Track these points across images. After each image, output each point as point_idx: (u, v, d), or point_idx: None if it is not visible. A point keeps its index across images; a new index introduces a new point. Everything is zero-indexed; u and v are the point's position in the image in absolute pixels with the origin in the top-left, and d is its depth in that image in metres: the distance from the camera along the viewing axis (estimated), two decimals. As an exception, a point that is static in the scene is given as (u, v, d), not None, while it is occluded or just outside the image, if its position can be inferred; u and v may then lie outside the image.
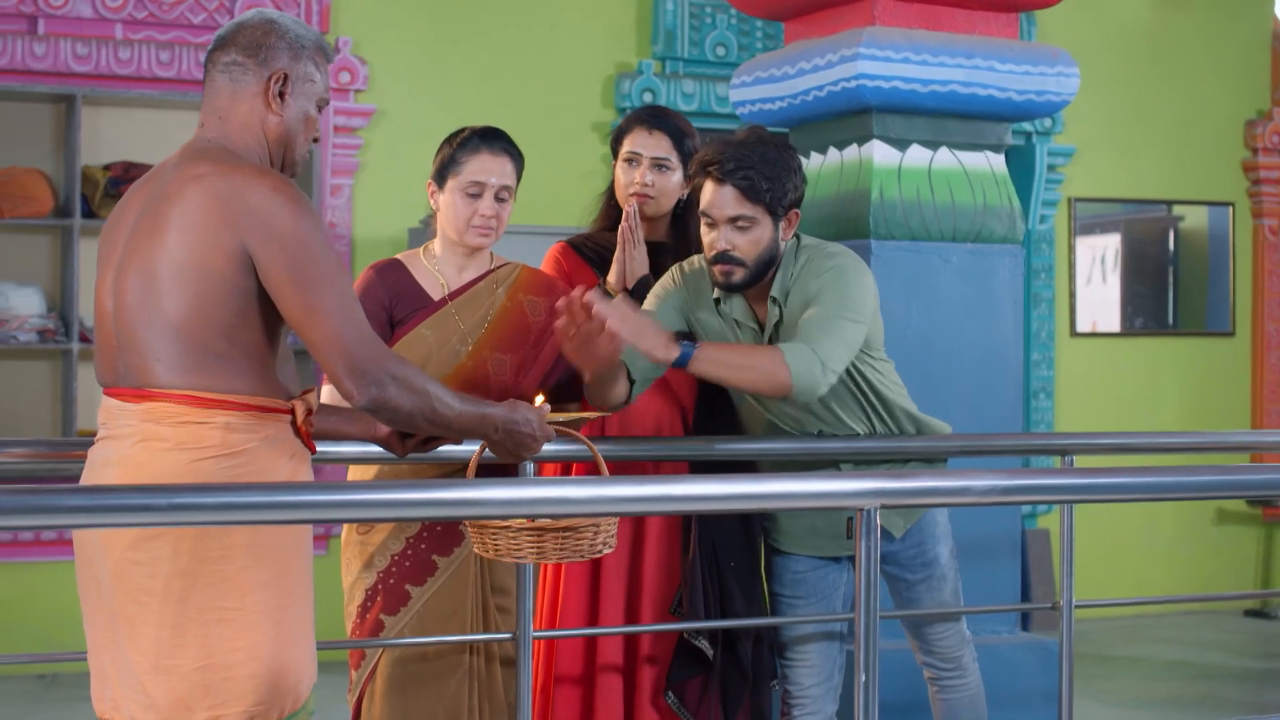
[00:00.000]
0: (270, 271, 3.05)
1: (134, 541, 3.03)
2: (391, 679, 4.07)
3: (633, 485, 3.01)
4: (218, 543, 3.03)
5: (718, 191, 4.09)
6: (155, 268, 3.06)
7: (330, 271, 3.07)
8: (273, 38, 3.23)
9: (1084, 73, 9.59)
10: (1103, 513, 9.48)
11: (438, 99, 8.34)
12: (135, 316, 3.08)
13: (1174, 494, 3.41)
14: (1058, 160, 9.51)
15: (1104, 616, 9.50)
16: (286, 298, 3.06)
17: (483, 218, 4.14)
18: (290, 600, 3.12)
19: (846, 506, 2.86)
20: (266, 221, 3.05)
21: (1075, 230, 9.69)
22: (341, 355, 3.06)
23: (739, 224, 4.08)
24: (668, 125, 4.56)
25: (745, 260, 4.10)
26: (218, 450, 3.05)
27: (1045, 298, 9.53)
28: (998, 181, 5.51)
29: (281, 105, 3.23)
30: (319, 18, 8.07)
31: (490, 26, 8.50)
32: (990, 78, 5.37)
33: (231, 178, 3.07)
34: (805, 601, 4.40)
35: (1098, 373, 9.71)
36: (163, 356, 3.06)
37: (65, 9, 7.69)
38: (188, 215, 3.05)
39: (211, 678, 3.03)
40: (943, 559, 4.42)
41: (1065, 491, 3.13)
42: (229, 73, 3.23)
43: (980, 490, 3.00)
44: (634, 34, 8.79)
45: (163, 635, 3.03)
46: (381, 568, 4.09)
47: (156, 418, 3.06)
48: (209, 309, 3.05)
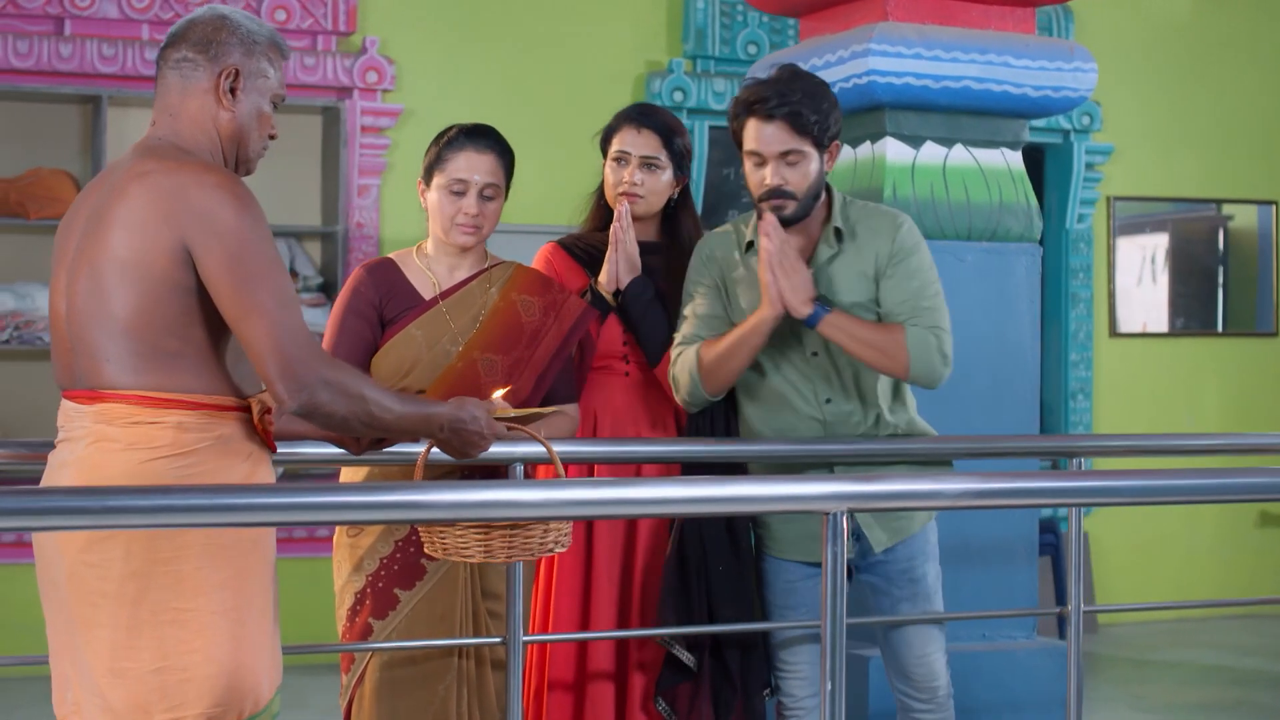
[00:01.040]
0: (208, 268, 3.01)
1: (87, 544, 2.99)
2: (380, 683, 4.02)
3: (587, 488, 2.95)
4: (170, 543, 2.99)
5: (766, 128, 4.12)
6: (101, 268, 3.03)
7: (269, 270, 3.02)
8: (224, 33, 3.19)
9: (1123, 70, 9.55)
10: (1142, 515, 9.37)
11: (466, 99, 8.30)
12: (85, 317, 3.06)
13: (1156, 497, 3.32)
14: (1096, 159, 9.40)
15: (1143, 620, 9.37)
16: (223, 295, 3.01)
17: (467, 216, 4.08)
18: (248, 601, 3.08)
19: (813, 510, 2.79)
20: (206, 217, 3.00)
21: (1115, 229, 9.57)
22: (274, 356, 3.00)
23: (789, 159, 4.12)
24: (656, 123, 4.49)
25: (796, 193, 4.14)
26: (169, 450, 3.02)
27: (1084, 298, 9.42)
28: (1014, 179, 5.42)
29: (233, 101, 3.19)
30: (345, 18, 8.05)
31: (519, 25, 8.46)
32: (1005, 73, 5.28)
33: (176, 174, 3.04)
34: (796, 613, 4.31)
35: (1138, 374, 9.59)
36: (113, 357, 3.03)
37: (91, 10, 7.70)
38: (131, 213, 3.03)
39: (168, 679, 3.00)
40: (929, 578, 4.33)
41: (1042, 495, 3.05)
42: (179, 69, 3.19)
43: (953, 494, 2.92)
44: (664, 32, 8.74)
45: (118, 638, 2.99)
46: (370, 571, 4.05)
47: (108, 419, 3.03)
48: (155, 308, 3.01)
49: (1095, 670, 8.24)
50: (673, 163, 4.48)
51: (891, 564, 4.29)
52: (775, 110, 4.10)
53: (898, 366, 4.11)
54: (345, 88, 8.09)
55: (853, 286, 4.20)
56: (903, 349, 4.08)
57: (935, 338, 4.11)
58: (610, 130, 4.55)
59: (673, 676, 4.34)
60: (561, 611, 4.40)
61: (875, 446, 4.24)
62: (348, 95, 8.10)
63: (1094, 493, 3.17)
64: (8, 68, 7.59)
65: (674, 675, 4.34)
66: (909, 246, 4.21)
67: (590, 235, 4.57)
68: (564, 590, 4.41)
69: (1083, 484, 3.03)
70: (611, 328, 4.44)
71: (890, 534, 4.24)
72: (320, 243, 8.20)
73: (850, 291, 4.20)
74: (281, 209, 8.07)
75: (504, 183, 4.14)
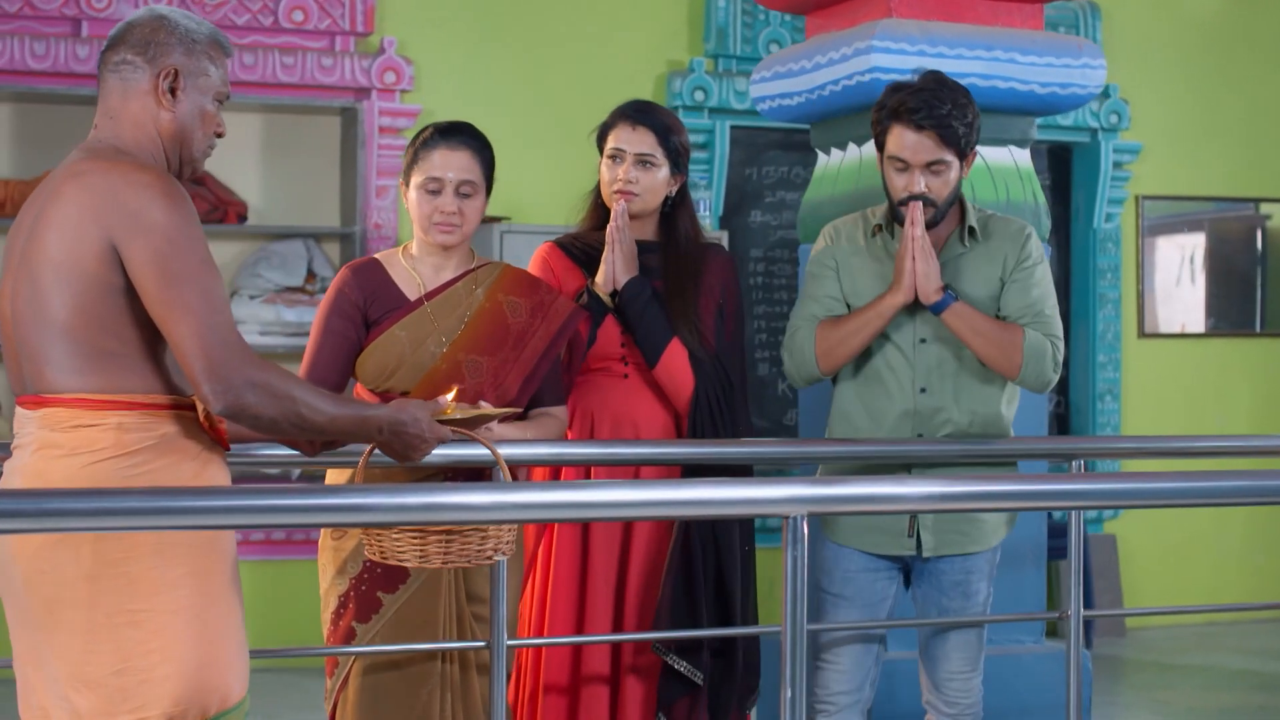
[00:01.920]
0: (134, 265, 2.98)
1: (38, 549, 2.98)
2: (363, 687, 3.99)
3: (534, 491, 2.90)
4: (118, 544, 2.96)
5: (912, 136, 4.19)
6: (38, 271, 3.02)
7: (197, 270, 2.98)
8: (162, 34, 3.18)
9: (1151, 68, 9.44)
10: (1171, 518, 9.26)
11: (485, 99, 8.26)
12: (27, 321, 3.05)
13: (1129, 500, 3.25)
14: (1124, 158, 9.29)
15: (1172, 624, 9.27)
16: (149, 294, 2.98)
17: (443, 214, 4.05)
18: (209, 598, 3.05)
19: (773, 514, 2.74)
20: (134, 215, 2.98)
21: (1144, 229, 9.46)
22: (199, 358, 2.95)
23: (934, 168, 4.21)
24: (652, 121, 4.43)
25: (937, 201, 4.22)
26: (111, 452, 2.99)
27: (1111, 298, 9.31)
28: (1022, 177, 5.36)
29: (173, 101, 3.18)
30: (364, 18, 8.03)
31: (538, 25, 8.41)
32: (1011, 70, 5.22)
33: (108, 174, 3.02)
34: (850, 604, 4.30)
35: (1168, 375, 9.47)
36: (54, 360, 3.01)
37: (108, 11, 7.69)
38: (63, 215, 3.01)
39: (128, 681, 2.98)
40: (981, 597, 4.33)
41: (1007, 498, 2.98)
42: (119, 72, 3.18)
43: (916, 498, 2.86)
44: (686, 31, 8.68)
45: (76, 642, 2.97)
46: (354, 574, 4.01)
47: (51, 424, 3.01)
48: (91, 308, 2.99)
49: (1121, 674, 8.15)
50: (669, 160, 4.42)
51: (947, 575, 4.29)
52: (924, 121, 4.17)
53: (1011, 366, 4.21)
54: (363, 88, 8.06)
55: (976, 283, 4.28)
56: (1019, 350, 4.19)
57: (1051, 345, 4.22)
58: (605, 127, 4.50)
59: (676, 689, 4.28)
60: (557, 616, 4.35)
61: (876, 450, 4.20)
62: (366, 96, 8.06)
63: (1063, 495, 3.10)
64: (24, 69, 7.58)
65: (678, 687, 4.28)
66: (1036, 256, 4.31)
67: (587, 234, 4.52)
68: (559, 596, 4.36)
69: (1050, 487, 2.96)
70: (609, 328, 4.38)
71: (942, 542, 4.21)
72: (339, 243, 8.18)
73: (974, 287, 4.28)
74: (300, 210, 8.06)
75: (482, 180, 4.10)
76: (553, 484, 3.57)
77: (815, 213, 5.48)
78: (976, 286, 4.28)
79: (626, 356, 4.40)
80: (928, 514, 4.06)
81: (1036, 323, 4.24)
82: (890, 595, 4.32)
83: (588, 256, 4.43)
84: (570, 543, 4.32)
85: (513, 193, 8.19)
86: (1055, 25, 8.99)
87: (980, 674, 4.31)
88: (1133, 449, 4.64)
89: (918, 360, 4.28)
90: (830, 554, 4.32)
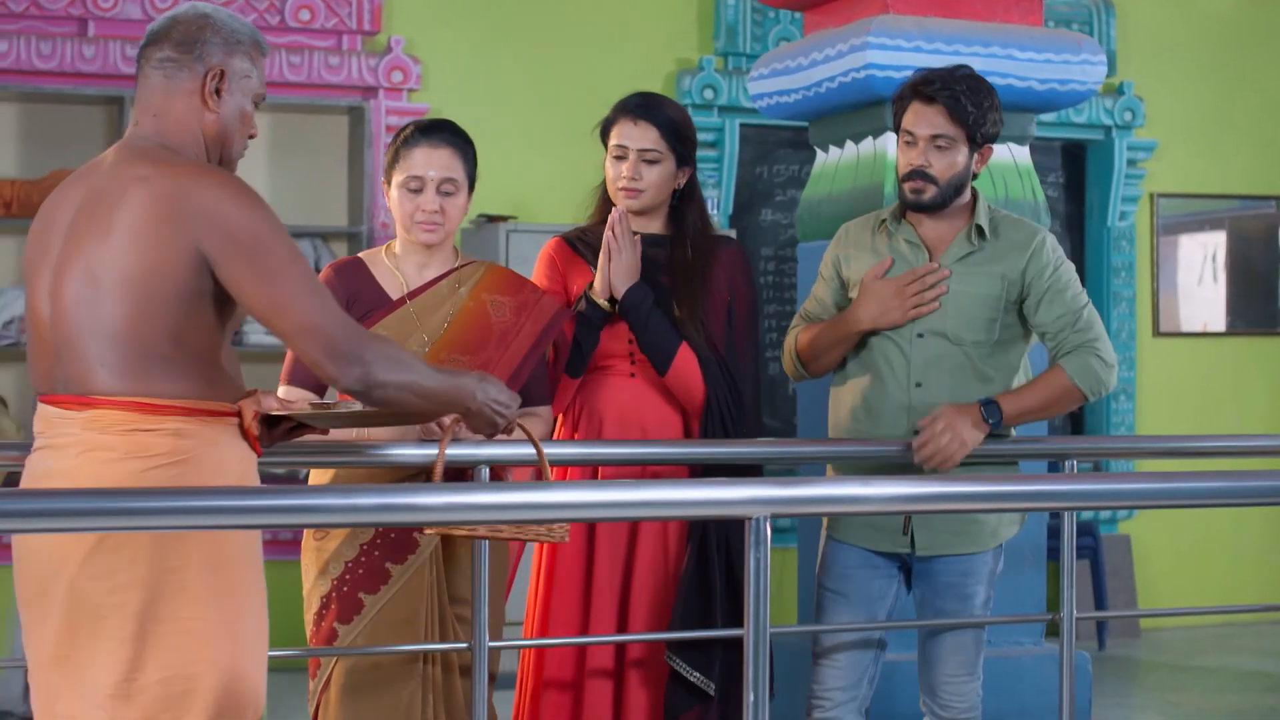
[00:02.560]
0: (230, 271, 2.99)
1: (90, 554, 2.94)
2: (345, 688, 3.96)
3: (498, 492, 2.86)
4: (175, 551, 2.95)
5: (923, 110, 4.19)
6: (100, 272, 2.98)
7: (289, 260, 3.01)
8: (207, 33, 3.16)
9: (1166, 65, 9.37)
10: (1187, 519, 9.20)
11: (492, 98, 8.24)
12: (76, 322, 3.00)
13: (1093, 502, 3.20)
14: (1139, 155, 9.23)
15: (1187, 625, 9.20)
16: (250, 294, 3.00)
17: (425, 213, 4.02)
18: (245, 608, 3.06)
19: (735, 515, 2.70)
20: (217, 220, 2.98)
21: (1159, 227, 9.40)
22: (317, 340, 3.01)
23: (938, 143, 4.18)
24: (655, 116, 4.33)
25: (938, 179, 4.19)
26: (167, 458, 2.97)
27: (1125, 296, 9.25)
28: (1021, 174, 5.31)
29: (218, 102, 3.16)
30: (370, 17, 8.01)
31: (546, 23, 8.38)
32: (1009, 66, 5.17)
33: (178, 179, 3.01)
34: (847, 601, 4.25)
35: (1183, 374, 9.40)
36: (107, 362, 2.98)
37: (115, 11, 7.68)
38: (135, 219, 2.98)
39: (172, 690, 2.96)
40: (978, 600, 4.27)
41: (973, 499, 2.93)
42: (163, 69, 3.15)
43: (880, 499, 2.81)
44: (695, 30, 8.64)
45: (124, 649, 2.95)
46: (336, 574, 3.99)
47: (101, 426, 2.97)
48: (157, 313, 2.97)
49: (1134, 676, 8.10)
50: (674, 154, 4.32)
51: (943, 576, 4.24)
52: (936, 93, 4.16)
53: (1077, 403, 4.21)
54: (371, 87, 8.04)
55: (982, 283, 4.22)
56: (1072, 390, 4.16)
57: (1092, 355, 4.18)
58: (608, 123, 4.40)
59: (685, 699, 4.22)
60: (560, 618, 4.29)
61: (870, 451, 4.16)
62: (373, 95, 8.04)
63: (1038, 496, 3.05)
64: (31, 69, 7.57)
65: (687, 698, 4.22)
66: (1056, 259, 4.26)
67: (595, 229, 4.43)
68: (563, 599, 4.30)
69: (1023, 488, 2.92)
70: (619, 328, 4.30)
71: (937, 542, 4.17)
72: (346, 243, 8.15)
73: (978, 285, 4.23)
74: (307, 209, 8.03)
75: (464, 177, 4.07)
76: (519, 485, 3.53)
77: (813, 210, 5.44)
78: (980, 285, 4.22)
79: (634, 354, 4.32)
80: (915, 514, 4.02)
81: (1075, 335, 4.19)
82: (890, 594, 4.27)
83: (593, 250, 4.33)
84: (575, 543, 4.25)
85: (520, 192, 8.17)
86: (1068, 22, 8.95)
87: (978, 679, 4.25)
88: (1126, 449, 4.60)
89: (914, 354, 4.24)
90: (830, 550, 4.28)
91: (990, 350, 4.23)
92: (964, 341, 4.22)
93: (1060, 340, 4.21)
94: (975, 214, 4.28)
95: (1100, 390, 4.20)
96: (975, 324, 4.21)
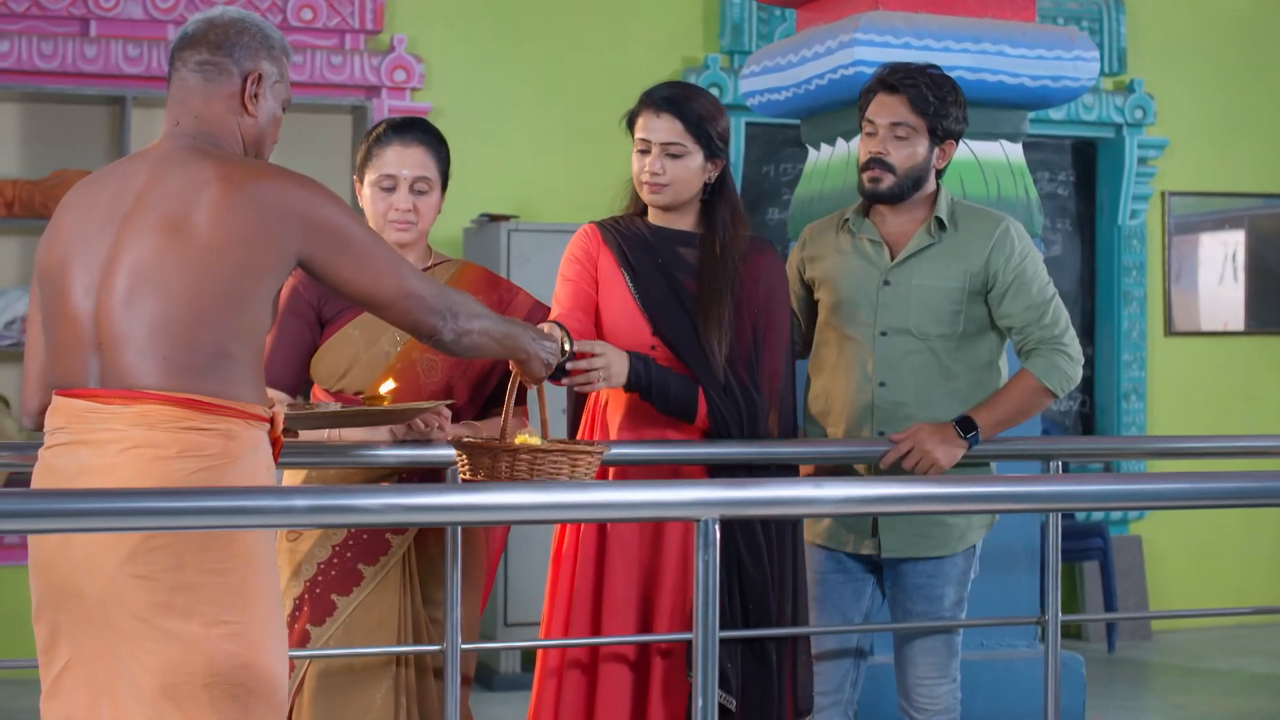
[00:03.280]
0: (323, 263, 3.07)
1: (131, 555, 2.90)
2: (317, 691, 3.92)
3: (425, 495, 2.81)
4: (220, 554, 2.92)
5: (886, 99, 4.21)
6: (165, 265, 2.95)
7: (372, 240, 3.13)
8: (244, 36, 3.16)
9: (1177, 63, 9.29)
10: (1199, 520, 9.12)
11: (496, 97, 8.21)
12: (132, 314, 2.95)
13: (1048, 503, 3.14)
14: (1150, 153, 9.15)
15: (1198, 627, 9.11)
16: (346, 280, 3.09)
17: (398, 211, 3.98)
18: (278, 611, 3.05)
19: (683, 517, 2.65)
20: (311, 221, 3.04)
21: (1170, 226, 9.32)
22: (419, 304, 3.12)
23: (898, 132, 4.18)
24: (678, 108, 4.07)
25: (896, 168, 4.19)
26: (219, 459, 2.94)
27: (1136, 296, 9.18)
28: (1014, 172, 5.26)
29: (256, 106, 3.17)
30: (373, 16, 7.98)
31: (550, 21, 8.34)
32: (1000, 63, 5.12)
33: (260, 181, 3.02)
34: (820, 606, 4.22)
35: (1195, 374, 9.32)
36: (168, 356, 2.94)
37: (116, 11, 7.67)
38: (223, 220, 2.97)
39: (217, 695, 2.93)
40: (947, 601, 4.22)
41: (926, 501, 2.86)
42: (202, 72, 3.15)
43: (833, 501, 2.75)
44: (701, 28, 8.59)
45: (169, 652, 2.91)
46: (308, 576, 3.95)
47: (150, 422, 2.92)
48: (223, 309, 2.96)
49: (1142, 678, 8.03)
50: (702, 146, 4.04)
51: (910, 577, 4.20)
52: (899, 83, 4.18)
53: (1048, 402, 4.20)
54: (373, 86, 8.01)
55: (942, 273, 4.20)
56: (1042, 391, 4.16)
57: (1058, 352, 4.16)
58: (633, 115, 4.17)
59: None
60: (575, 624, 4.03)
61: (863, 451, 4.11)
62: (376, 94, 8.02)
63: (986, 499, 2.99)
64: (33, 69, 7.56)
65: None
66: (1021, 249, 4.22)
67: (628, 219, 4.18)
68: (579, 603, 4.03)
69: (967, 490, 2.86)
70: (636, 321, 4.05)
71: (904, 544, 4.13)
72: (350, 243, 8.12)
73: (939, 279, 4.20)
74: (310, 209, 7.99)
75: (438, 176, 4.02)
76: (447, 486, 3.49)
77: (805, 209, 5.40)
78: (940, 277, 4.19)
79: (656, 344, 4.06)
80: (884, 515, 3.97)
81: (1040, 328, 4.17)
82: (864, 597, 4.24)
83: (623, 237, 4.12)
84: (590, 545, 4.08)
85: (523, 191, 8.14)
86: (1078, 19, 8.89)
87: (952, 680, 4.21)
88: (1114, 449, 4.53)
89: (877, 353, 4.20)
90: (805, 554, 4.22)
91: (957, 344, 4.20)
92: (929, 336, 4.19)
93: (1026, 336, 4.17)
94: (936, 207, 4.25)
95: (1069, 386, 4.18)
96: (939, 318, 4.18)
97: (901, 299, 4.19)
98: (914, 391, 4.15)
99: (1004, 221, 4.26)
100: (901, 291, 4.19)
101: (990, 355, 4.25)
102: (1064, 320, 4.21)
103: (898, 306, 4.19)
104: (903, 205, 4.24)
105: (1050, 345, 4.17)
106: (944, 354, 4.18)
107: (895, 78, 4.20)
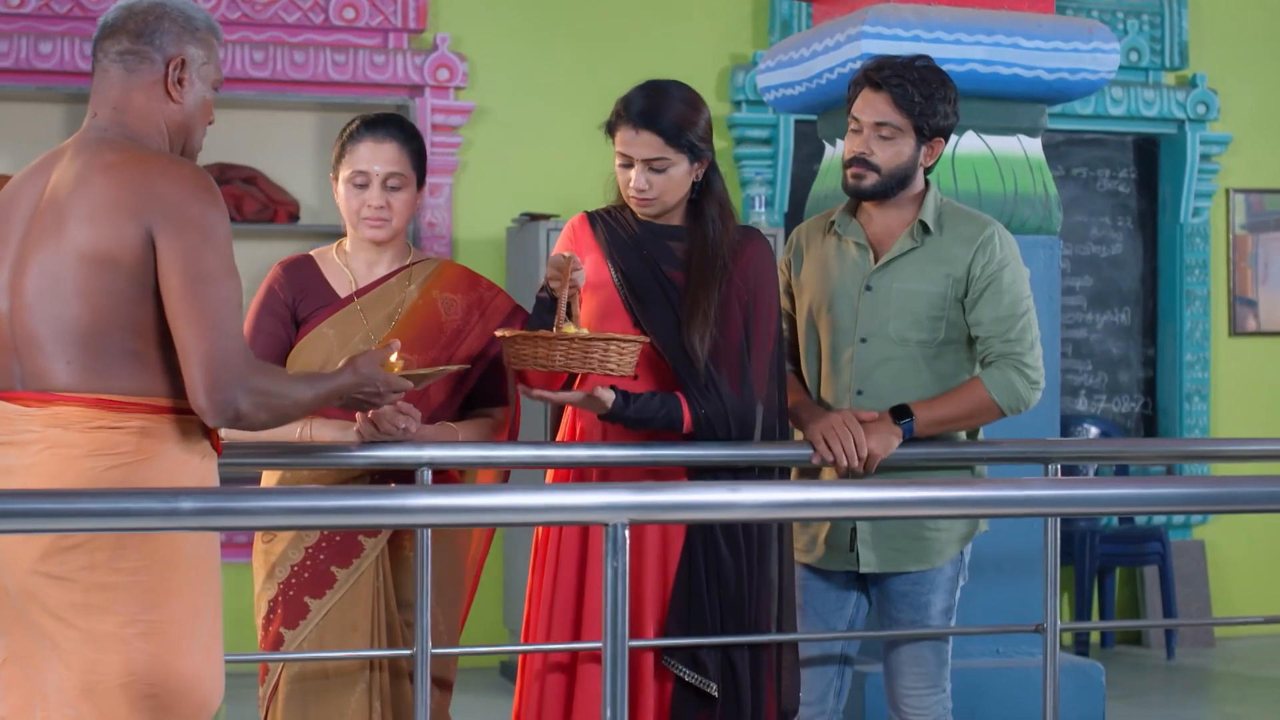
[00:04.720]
0: (164, 256, 2.93)
1: (45, 555, 2.89)
2: (291, 694, 3.88)
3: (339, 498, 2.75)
4: (136, 553, 2.90)
5: (871, 96, 4.09)
6: (61, 265, 2.94)
7: (222, 272, 2.95)
8: (165, 22, 3.10)
9: (1240, 57, 9.08)
10: (1263, 524, 8.91)
11: (540, 95, 8.15)
12: (36, 316, 2.95)
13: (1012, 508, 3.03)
14: (1213, 149, 8.94)
15: (1263, 634, 8.89)
16: (172, 287, 2.93)
17: (371, 209, 3.92)
18: (206, 610, 3.01)
19: (592, 521, 2.56)
20: (174, 207, 2.93)
21: (1233, 224, 9.11)
22: (204, 370, 2.93)
23: (882, 131, 4.06)
24: (656, 123, 4.02)
25: (880, 167, 4.07)
26: (133, 456, 2.92)
27: (1200, 295, 8.97)
28: (1032, 167, 5.13)
29: (180, 92, 3.11)
30: (416, 15, 7.94)
31: (595, 18, 8.27)
32: (1015, 55, 5.00)
33: (145, 166, 2.96)
34: (801, 613, 4.10)
35: (1261, 375, 9.10)
36: (71, 358, 2.92)
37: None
38: (97, 207, 2.93)
39: (134, 694, 2.92)
40: (934, 609, 4.11)
41: (844, 507, 2.75)
42: (123, 61, 3.09)
43: (748, 505, 2.65)
44: (749, 25, 8.49)
45: (86, 651, 2.90)
46: (282, 579, 3.91)
47: (64, 423, 2.92)
48: (122, 306, 2.92)
49: (1200, 686, 7.85)
50: (685, 154, 3.99)
51: (896, 585, 4.09)
52: (884, 80, 4.05)
53: (994, 417, 4.06)
54: (416, 86, 7.97)
55: (924, 277, 4.07)
56: (990, 404, 4.02)
57: (1014, 369, 4.03)
58: (611, 125, 4.15)
59: (692, 706, 4.03)
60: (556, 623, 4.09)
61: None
62: (419, 93, 7.98)
63: (909, 504, 2.87)
64: (75, 70, 7.56)
65: (694, 704, 4.03)
66: (1000, 259, 4.08)
67: (619, 210, 4.11)
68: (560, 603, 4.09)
69: (902, 495, 2.75)
70: (621, 320, 3.99)
71: (884, 559, 4.02)
72: (394, 243, 8.11)
73: (921, 284, 4.07)
74: (354, 209, 7.99)
75: (412, 172, 3.96)
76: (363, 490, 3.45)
77: (820, 205, 5.31)
78: (922, 280, 4.07)
79: None
80: (864, 530, 3.89)
81: (1003, 341, 4.03)
82: (848, 604, 4.13)
83: (610, 229, 4.08)
84: (572, 547, 4.05)
85: (567, 190, 8.06)
86: (1138, 14, 8.73)
87: (942, 691, 4.09)
88: (1108, 452, 4.38)
89: (857, 360, 4.09)
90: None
91: (937, 351, 4.07)
92: (908, 342, 4.06)
93: (988, 346, 4.04)
94: (922, 208, 4.12)
95: (1020, 406, 4.04)
96: (920, 323, 4.05)
97: (882, 304, 4.07)
98: (892, 399, 4.02)
99: (990, 227, 4.12)
100: (882, 296, 4.08)
101: (972, 364, 4.12)
102: (1031, 339, 4.06)
103: (879, 312, 4.08)
104: (889, 204, 4.12)
105: (1009, 360, 4.03)
106: (924, 361, 4.06)
107: (880, 74, 4.06)
